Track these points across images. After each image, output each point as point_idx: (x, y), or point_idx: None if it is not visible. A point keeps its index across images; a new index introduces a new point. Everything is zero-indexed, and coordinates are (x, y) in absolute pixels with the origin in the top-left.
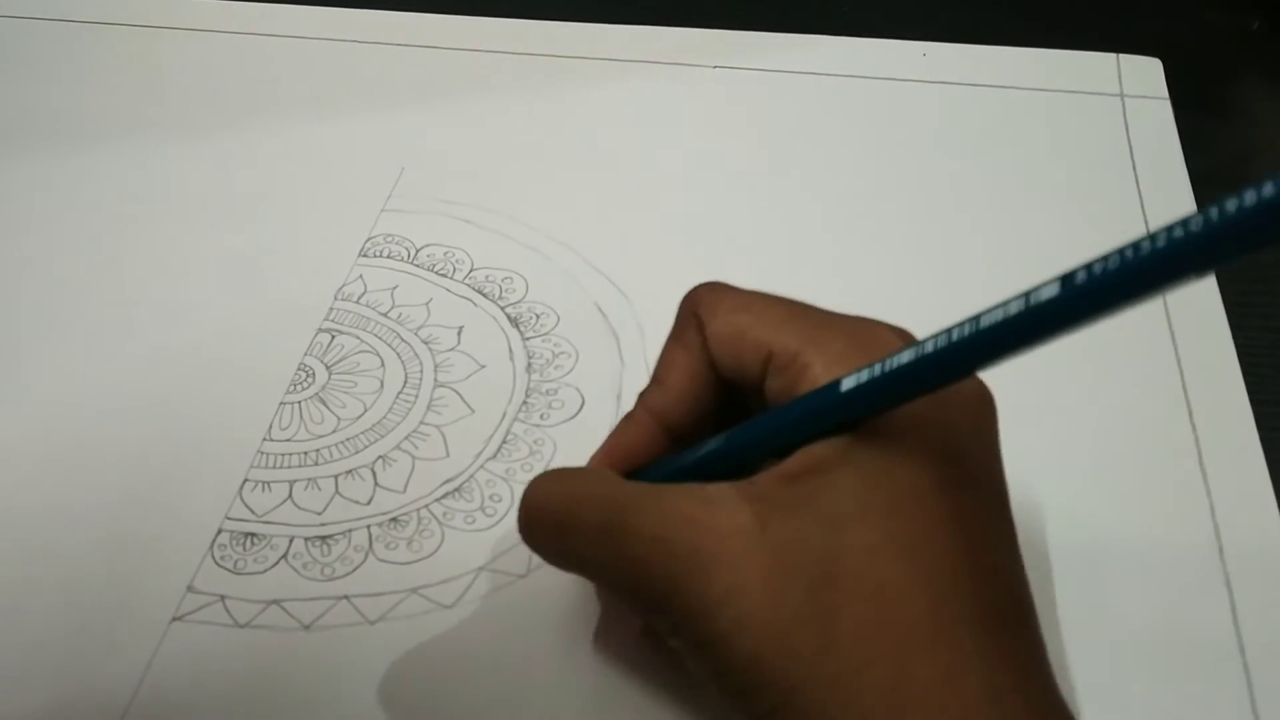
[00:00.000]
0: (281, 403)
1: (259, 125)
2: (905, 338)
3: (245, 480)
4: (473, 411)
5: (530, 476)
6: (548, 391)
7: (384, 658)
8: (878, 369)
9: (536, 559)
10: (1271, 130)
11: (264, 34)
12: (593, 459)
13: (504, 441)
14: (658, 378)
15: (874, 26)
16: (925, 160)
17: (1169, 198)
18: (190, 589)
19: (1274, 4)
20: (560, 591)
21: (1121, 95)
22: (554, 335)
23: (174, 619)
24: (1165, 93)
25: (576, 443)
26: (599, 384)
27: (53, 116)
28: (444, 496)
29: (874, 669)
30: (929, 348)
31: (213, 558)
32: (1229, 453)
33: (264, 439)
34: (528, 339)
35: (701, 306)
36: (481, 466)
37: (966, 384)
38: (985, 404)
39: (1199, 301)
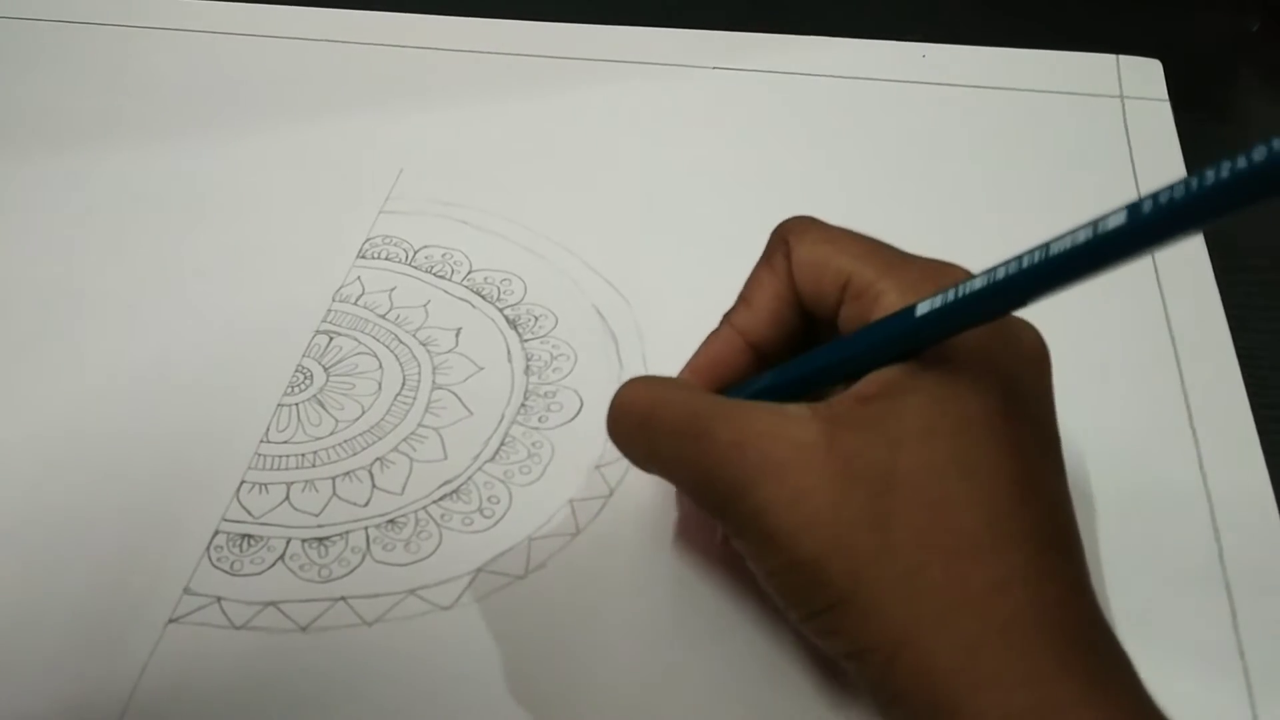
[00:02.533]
0: (279, 404)
1: (257, 127)
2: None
3: (242, 482)
4: (471, 414)
5: (529, 479)
6: (546, 394)
7: (381, 659)
8: (950, 294)
9: (535, 560)
10: (1270, 131)
11: (262, 35)
12: (680, 373)
13: (502, 444)
14: (744, 298)
15: (874, 28)
16: (925, 161)
17: None
18: (187, 591)
19: (1274, 5)
20: (558, 593)
21: (1121, 96)
22: (552, 337)
23: (170, 621)
24: (1165, 94)
25: (575, 445)
26: (597, 387)
27: (49, 117)
28: (442, 498)
29: (929, 572)
30: (1000, 274)
31: (209, 559)
32: (1229, 456)
33: (261, 441)
34: (526, 341)
35: (791, 234)
36: (479, 469)
37: (1028, 334)
38: (1043, 354)
39: (1199, 305)
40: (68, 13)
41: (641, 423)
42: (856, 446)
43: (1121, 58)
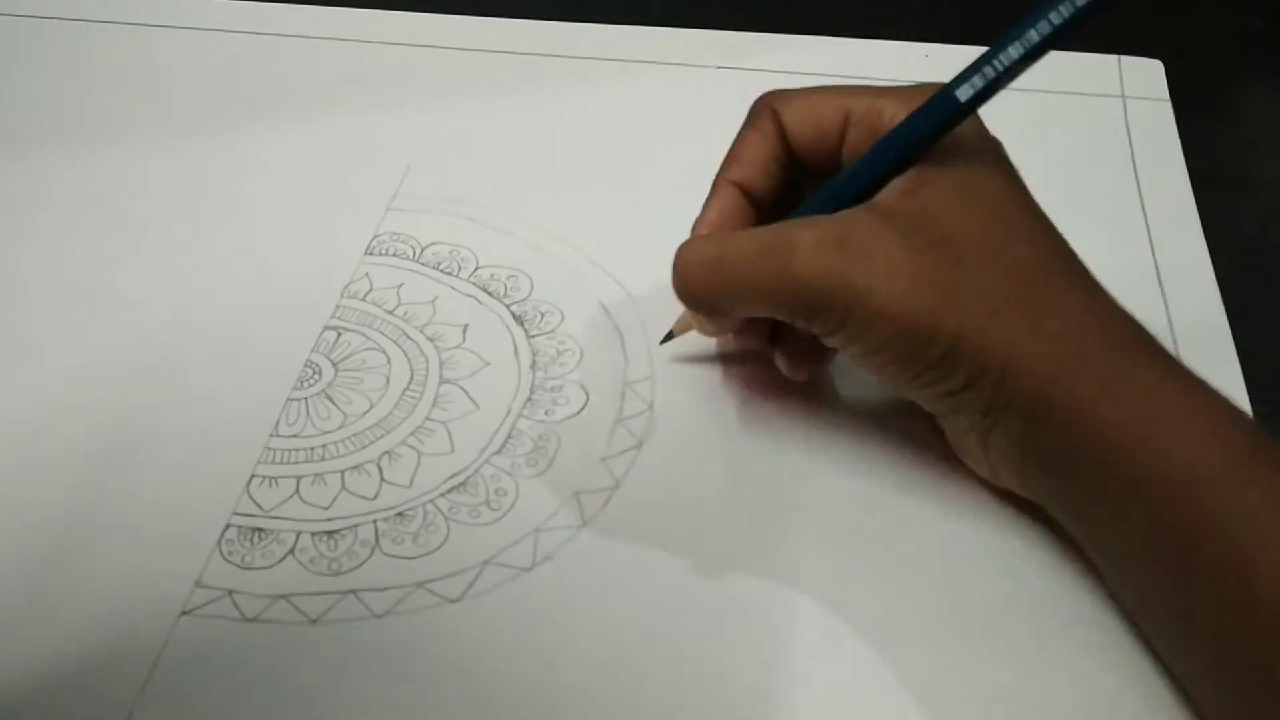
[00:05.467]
0: (288, 399)
1: (267, 125)
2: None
3: (253, 476)
4: (478, 408)
5: (536, 471)
6: (552, 388)
7: (390, 652)
8: (989, 71)
9: (542, 552)
10: (1272, 130)
11: (270, 34)
12: (694, 231)
13: (509, 437)
14: (735, 157)
15: (877, 28)
16: None
17: (1170, 199)
18: (199, 584)
19: (1275, 4)
20: (564, 585)
21: (1123, 96)
22: (559, 333)
23: (183, 613)
24: (1166, 94)
25: (581, 439)
26: (603, 381)
27: (59, 115)
28: (449, 491)
29: (1011, 298)
30: (1034, 37)
31: (220, 553)
32: None
33: (271, 435)
34: (532, 337)
35: (775, 99)
36: (487, 461)
37: (976, 124)
38: (995, 140)
39: (1199, 300)
40: (76, 11)
41: (718, 264)
42: (918, 223)
43: (1123, 58)
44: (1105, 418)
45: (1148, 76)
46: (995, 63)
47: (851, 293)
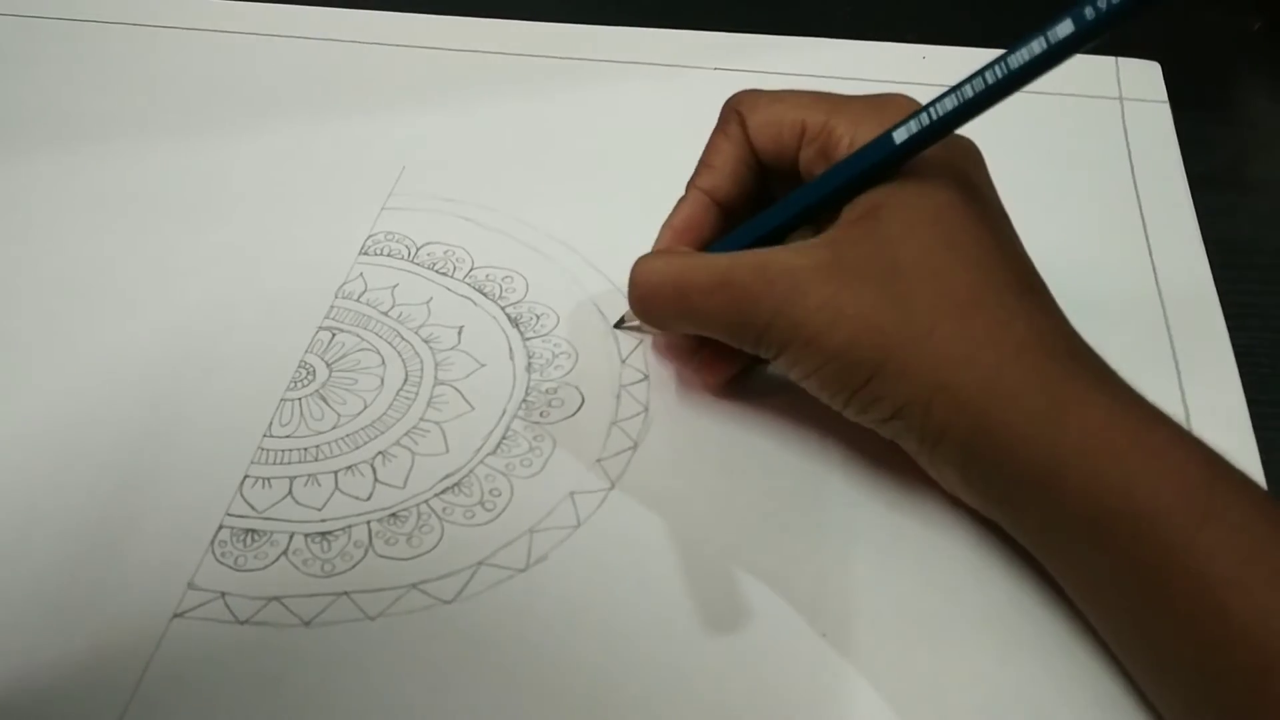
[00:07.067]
0: (282, 399)
1: (260, 124)
2: (914, 103)
3: (246, 476)
4: (472, 409)
5: (530, 472)
6: (548, 390)
7: (384, 653)
8: (925, 118)
9: (536, 553)
10: (1270, 131)
11: (265, 34)
12: (659, 240)
13: (504, 438)
14: (706, 163)
15: (873, 29)
16: None
17: (1167, 201)
18: (191, 586)
19: (1273, 5)
20: (559, 586)
21: (1120, 98)
22: (554, 336)
23: (175, 616)
24: (1164, 96)
25: (576, 440)
26: (598, 384)
27: (52, 115)
28: (443, 492)
29: (942, 328)
30: (969, 92)
31: (213, 554)
32: (1226, 453)
33: (264, 435)
34: (528, 339)
35: (742, 105)
36: (481, 462)
37: (960, 139)
38: (977, 151)
39: (1197, 302)
40: (73, 11)
41: (675, 291)
42: (859, 254)
43: (1120, 60)
44: (1044, 454)
45: (1145, 78)
46: (931, 110)
47: (787, 324)
